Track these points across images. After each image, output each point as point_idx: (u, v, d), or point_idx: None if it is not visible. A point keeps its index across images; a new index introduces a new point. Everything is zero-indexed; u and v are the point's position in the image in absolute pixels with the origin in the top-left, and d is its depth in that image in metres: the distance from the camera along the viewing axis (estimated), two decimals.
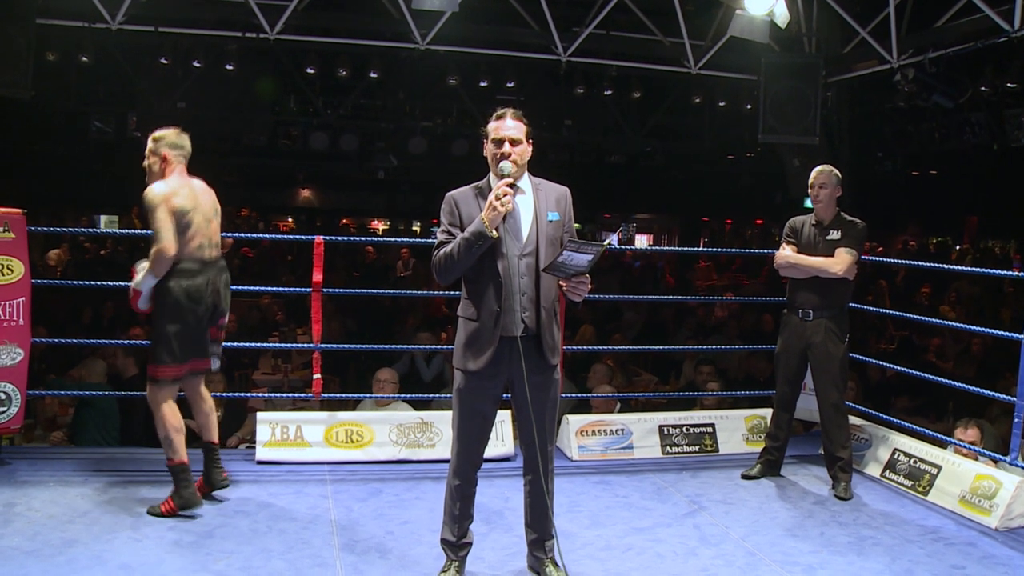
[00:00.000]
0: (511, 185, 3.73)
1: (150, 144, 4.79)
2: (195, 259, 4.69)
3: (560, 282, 3.81)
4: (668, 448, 6.21)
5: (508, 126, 3.80)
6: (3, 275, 5.22)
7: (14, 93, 8.51)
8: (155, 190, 4.62)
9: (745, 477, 5.72)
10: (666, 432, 6.26)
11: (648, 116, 17.37)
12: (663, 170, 21.14)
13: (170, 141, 4.78)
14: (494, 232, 3.66)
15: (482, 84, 12.69)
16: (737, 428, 6.39)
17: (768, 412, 6.18)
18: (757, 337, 9.99)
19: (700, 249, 20.06)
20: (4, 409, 5.26)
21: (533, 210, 3.83)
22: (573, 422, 6.13)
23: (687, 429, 6.31)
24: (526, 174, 3.89)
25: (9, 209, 5.29)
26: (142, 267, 4.67)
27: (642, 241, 27.84)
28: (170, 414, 4.69)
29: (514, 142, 3.78)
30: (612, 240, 27.37)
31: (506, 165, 3.73)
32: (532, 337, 3.79)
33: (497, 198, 3.64)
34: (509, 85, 12.71)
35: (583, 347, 8.50)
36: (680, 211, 25.14)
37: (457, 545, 4.02)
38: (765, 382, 8.35)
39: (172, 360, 4.68)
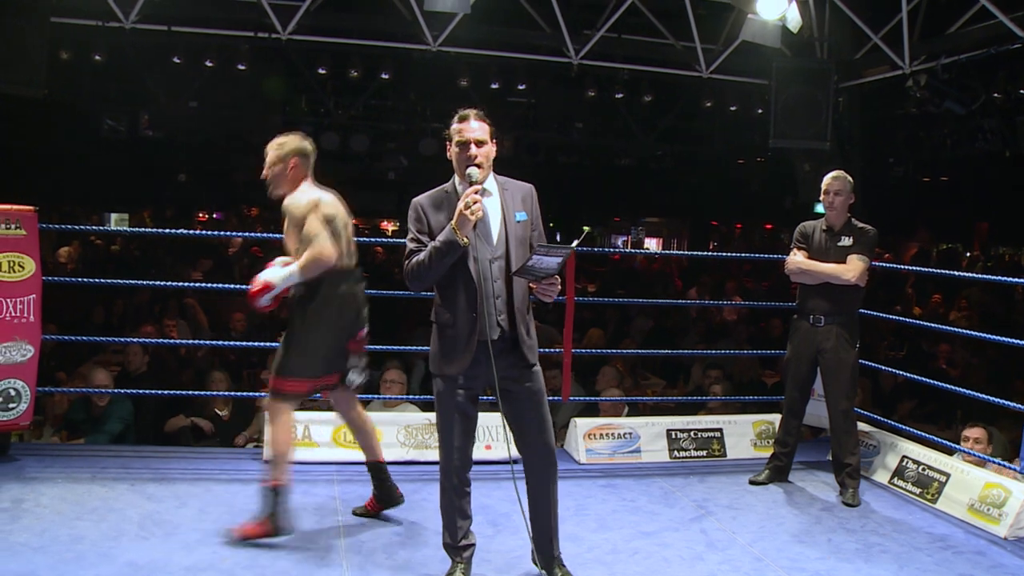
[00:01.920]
0: (482, 188, 3.69)
1: (273, 152, 4.56)
2: (338, 268, 4.47)
3: (530, 284, 3.78)
4: (676, 452, 6.20)
5: (472, 128, 3.76)
6: (14, 272, 5.23)
7: (28, 91, 8.54)
8: (300, 199, 4.43)
9: (753, 482, 5.70)
10: (674, 436, 6.24)
11: (659, 120, 17.37)
12: (673, 174, 21.11)
13: (296, 147, 4.56)
14: (465, 240, 3.63)
15: (493, 86, 12.69)
16: (745, 433, 6.37)
17: (776, 417, 6.16)
18: (765, 342, 9.97)
19: (709, 253, 19.98)
20: (14, 406, 5.26)
21: (501, 212, 3.80)
22: (581, 425, 6.12)
23: (695, 433, 6.29)
24: (492, 174, 3.84)
25: (21, 206, 5.30)
26: (283, 261, 4.44)
27: (651, 244, 27.84)
28: (287, 432, 4.46)
29: (479, 143, 3.74)
30: (619, 242, 27.41)
31: (474, 171, 3.67)
32: (509, 339, 3.78)
33: (467, 207, 3.59)
34: (520, 87, 12.73)
35: (591, 351, 8.46)
36: (689, 215, 25.09)
37: (458, 547, 4.00)
38: (773, 387, 8.34)
39: (309, 374, 4.44)
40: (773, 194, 20.18)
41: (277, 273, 4.38)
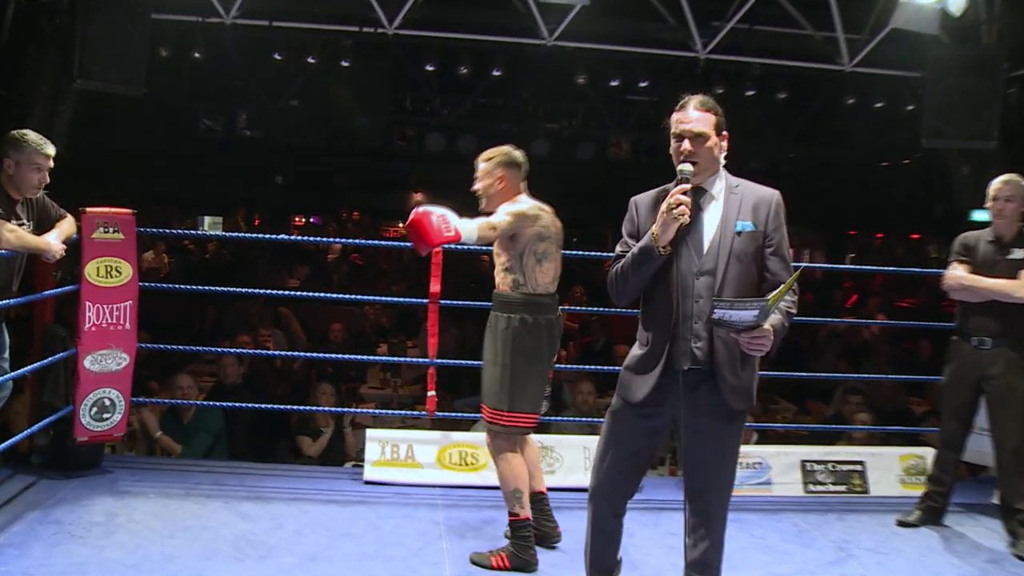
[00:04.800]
0: (696, 190, 3.41)
1: (482, 166, 4.70)
2: (548, 293, 4.56)
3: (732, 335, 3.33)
4: (811, 486, 6.02)
5: (691, 118, 3.42)
6: (111, 277, 5.40)
7: (127, 90, 8.85)
8: (520, 205, 4.54)
9: (902, 524, 5.45)
10: (809, 468, 6.07)
11: (793, 119, 16.96)
12: (807, 178, 20.60)
13: (503, 160, 4.66)
14: (664, 248, 3.33)
15: (612, 83, 12.65)
16: (891, 467, 6.14)
17: (927, 451, 5.93)
18: (911, 365, 9.65)
19: (845, 267, 19.44)
20: (108, 415, 5.45)
21: (720, 218, 3.44)
22: None
23: (833, 466, 6.10)
24: (720, 174, 3.51)
25: (118, 209, 5.48)
26: (468, 224, 4.30)
27: None
28: (520, 467, 4.57)
29: (697, 137, 3.41)
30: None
31: (685, 168, 3.37)
32: (706, 372, 3.40)
33: (669, 208, 3.29)
34: (642, 85, 12.63)
35: None
36: (825, 224, 24.45)
37: None
38: (922, 417, 8.04)
39: (531, 407, 4.55)
40: (921, 200, 19.51)
41: (463, 226, 4.25)
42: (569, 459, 5.83)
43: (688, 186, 3.35)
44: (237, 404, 6.70)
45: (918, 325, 10.61)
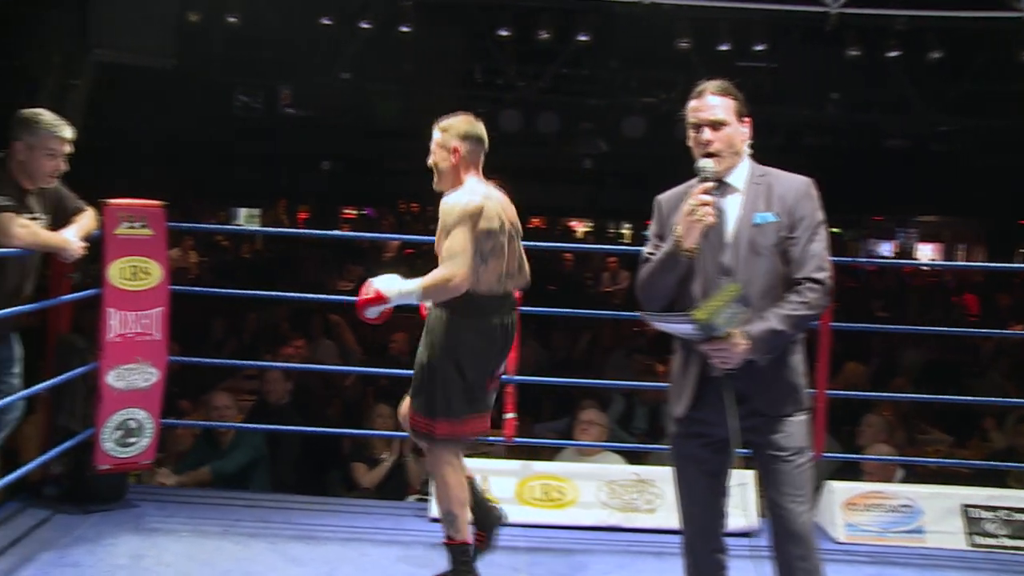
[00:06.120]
0: (719, 182, 3.61)
1: (437, 135, 4.73)
2: (493, 294, 4.56)
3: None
4: (977, 538, 5.79)
5: (708, 104, 3.65)
6: (138, 279, 5.44)
7: (157, 62, 8.89)
8: (458, 201, 4.53)
9: None
10: (973, 515, 5.85)
11: (949, 84, 16.59)
12: (963, 157, 20.16)
13: (461, 131, 4.68)
14: (688, 251, 3.54)
15: (721, 48, 12.53)
16: None
17: None
18: None
19: (1011, 265, 18.97)
20: (134, 440, 5.49)
21: (740, 212, 3.64)
22: (839, 491, 5.88)
23: (1007, 514, 5.84)
24: (744, 163, 3.71)
25: (146, 201, 5.53)
26: (405, 282, 4.46)
27: (926, 252, 26.81)
28: (455, 483, 4.59)
29: (716, 125, 3.63)
30: (883, 249, 26.23)
31: (706, 164, 3.59)
32: (742, 376, 3.55)
33: (691, 210, 3.50)
34: (757, 48, 12.50)
35: (850, 393, 8.13)
36: (985, 213, 23.91)
37: None
38: None
39: (448, 415, 4.56)
40: None
41: (393, 285, 4.41)
42: (672, 495, 5.78)
43: (711, 185, 3.57)
44: (280, 427, 6.78)
45: None
